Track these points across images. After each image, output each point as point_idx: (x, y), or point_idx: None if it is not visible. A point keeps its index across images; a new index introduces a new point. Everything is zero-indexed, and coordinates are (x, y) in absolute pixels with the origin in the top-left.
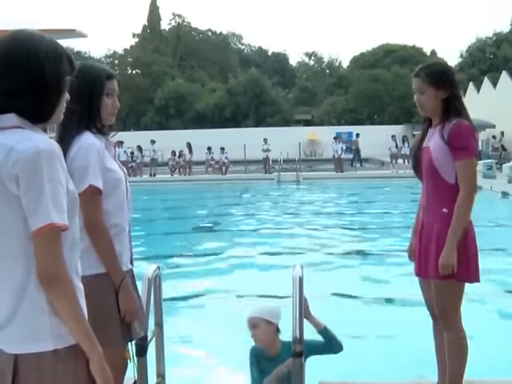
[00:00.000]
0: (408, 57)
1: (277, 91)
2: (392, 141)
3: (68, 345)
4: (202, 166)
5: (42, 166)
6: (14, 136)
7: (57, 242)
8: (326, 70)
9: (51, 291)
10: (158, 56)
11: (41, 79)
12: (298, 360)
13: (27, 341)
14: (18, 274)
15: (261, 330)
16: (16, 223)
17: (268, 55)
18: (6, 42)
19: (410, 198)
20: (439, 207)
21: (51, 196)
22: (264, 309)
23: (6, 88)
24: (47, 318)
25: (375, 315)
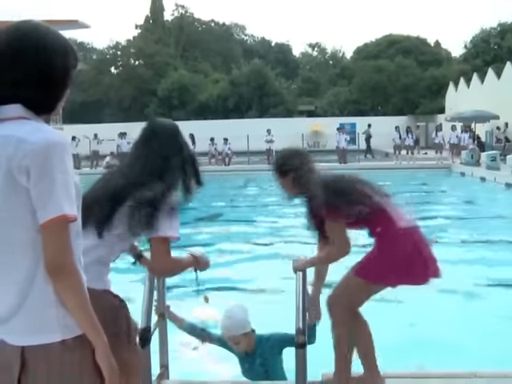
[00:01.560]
0: (412, 47)
1: (280, 82)
2: (396, 132)
3: (75, 335)
4: (205, 157)
5: (53, 158)
6: (21, 127)
7: (66, 233)
8: (330, 61)
9: (60, 282)
10: (160, 47)
11: (48, 71)
12: (301, 351)
13: (35, 332)
14: (26, 266)
15: (242, 343)
16: (25, 215)
17: (271, 46)
18: (12, 32)
19: (412, 188)
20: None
21: (63, 187)
22: (237, 324)
23: (13, 78)
24: (54, 309)
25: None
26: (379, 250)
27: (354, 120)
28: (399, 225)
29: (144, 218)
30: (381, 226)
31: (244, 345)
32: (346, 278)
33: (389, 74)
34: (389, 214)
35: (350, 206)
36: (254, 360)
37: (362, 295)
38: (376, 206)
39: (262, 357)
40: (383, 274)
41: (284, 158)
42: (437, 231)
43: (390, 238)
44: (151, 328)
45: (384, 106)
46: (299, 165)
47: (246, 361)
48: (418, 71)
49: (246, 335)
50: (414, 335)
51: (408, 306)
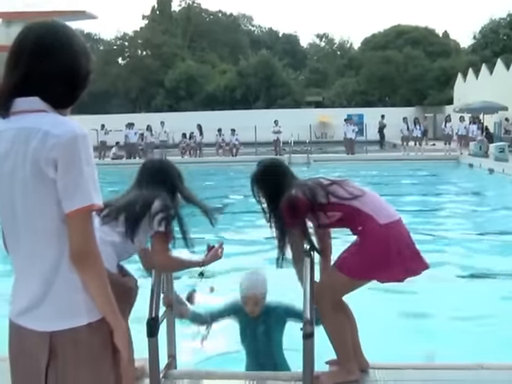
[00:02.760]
0: (420, 38)
1: (287, 73)
2: (403, 123)
3: (98, 318)
4: (213, 148)
5: (80, 150)
6: (43, 119)
7: (91, 223)
8: (337, 52)
9: (85, 269)
10: (168, 37)
11: (74, 69)
12: (309, 341)
13: (63, 317)
14: (51, 255)
15: (259, 305)
16: (50, 205)
17: (279, 37)
18: (41, 28)
19: (420, 180)
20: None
21: (90, 178)
22: (260, 284)
23: (41, 72)
24: (81, 294)
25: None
26: (361, 246)
27: (361, 111)
28: (380, 221)
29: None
30: (361, 225)
31: (258, 308)
32: (328, 273)
33: (397, 64)
34: (367, 212)
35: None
36: (258, 326)
37: (345, 289)
38: (351, 209)
39: (266, 324)
40: (365, 270)
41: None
42: (444, 222)
43: (372, 235)
44: (159, 318)
45: (392, 96)
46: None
47: (250, 327)
48: (427, 62)
49: (264, 298)
50: (420, 326)
51: (414, 296)
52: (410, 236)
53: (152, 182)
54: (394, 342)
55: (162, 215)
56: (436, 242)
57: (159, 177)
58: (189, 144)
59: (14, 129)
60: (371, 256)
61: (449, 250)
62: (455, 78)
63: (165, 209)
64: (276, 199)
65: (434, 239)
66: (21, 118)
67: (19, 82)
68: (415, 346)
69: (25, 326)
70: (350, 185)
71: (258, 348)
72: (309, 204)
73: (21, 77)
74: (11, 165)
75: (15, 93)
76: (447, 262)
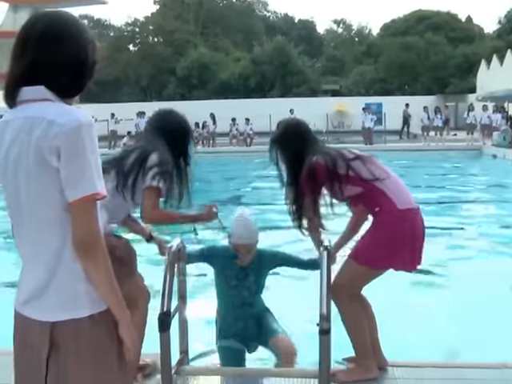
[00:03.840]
0: (442, 23)
1: (303, 60)
2: (424, 112)
3: (101, 309)
4: (226, 138)
5: (84, 139)
6: (48, 108)
7: (95, 211)
8: (355, 38)
9: (88, 259)
10: (180, 23)
11: (82, 59)
12: (325, 337)
13: (65, 308)
14: (54, 243)
15: (251, 252)
16: (54, 194)
17: (294, 22)
18: (49, 16)
19: (441, 171)
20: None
21: (94, 167)
22: (255, 231)
23: (50, 59)
24: (83, 284)
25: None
26: (376, 232)
27: (380, 100)
28: (398, 206)
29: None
30: (379, 206)
31: (250, 256)
32: (345, 265)
33: (417, 51)
34: (387, 194)
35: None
36: (248, 276)
37: (363, 280)
38: (371, 187)
39: (256, 272)
40: (381, 257)
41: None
42: (466, 215)
43: (388, 219)
44: (171, 312)
45: (412, 85)
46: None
47: (238, 276)
48: (449, 48)
49: (256, 244)
50: (445, 325)
51: (435, 291)
52: (424, 228)
53: (158, 134)
54: (413, 340)
55: (157, 170)
56: (457, 235)
57: (166, 129)
58: (201, 134)
59: (19, 118)
60: (386, 241)
61: (470, 244)
62: (478, 64)
63: (161, 163)
64: (297, 164)
65: (454, 232)
66: (26, 108)
67: (26, 71)
68: (435, 344)
69: (28, 316)
70: (375, 164)
71: (246, 299)
72: (327, 172)
73: (27, 65)
74: (16, 153)
75: (21, 82)
76: (469, 256)
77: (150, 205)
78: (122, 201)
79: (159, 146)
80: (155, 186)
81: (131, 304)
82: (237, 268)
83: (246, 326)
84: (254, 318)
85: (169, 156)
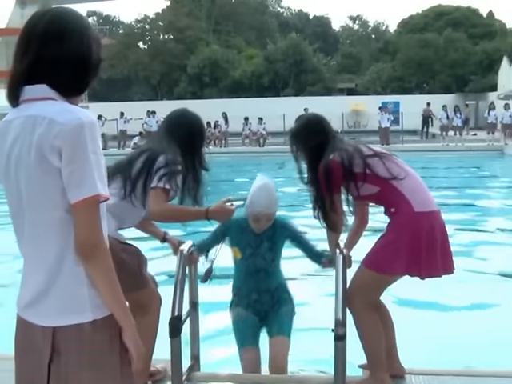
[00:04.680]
0: (462, 19)
1: (318, 58)
2: (443, 111)
3: (104, 315)
4: (239, 138)
5: (85, 138)
6: (50, 107)
7: (97, 213)
8: (372, 35)
9: (90, 262)
10: (191, 20)
11: (87, 56)
12: (340, 343)
13: (67, 313)
14: (55, 246)
15: (272, 220)
16: (55, 195)
17: (309, 19)
18: (52, 13)
19: (460, 172)
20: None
21: (96, 167)
22: (275, 199)
23: (53, 55)
24: (86, 289)
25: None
26: (390, 235)
27: (397, 98)
28: (415, 208)
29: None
30: (395, 207)
31: (269, 224)
32: (358, 272)
33: (436, 48)
34: (404, 195)
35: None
36: (262, 243)
37: (378, 287)
38: (388, 186)
39: (271, 239)
40: (393, 263)
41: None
42: (486, 219)
43: (403, 221)
44: (182, 317)
45: (430, 83)
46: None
47: (252, 244)
48: (469, 45)
49: (275, 213)
50: (460, 332)
51: (453, 301)
52: (446, 232)
53: (169, 134)
54: (433, 348)
55: (164, 171)
56: (477, 239)
57: (178, 130)
58: (213, 133)
59: (21, 117)
60: (400, 245)
61: (491, 249)
62: (500, 61)
63: (168, 165)
64: (317, 161)
65: (475, 236)
66: (29, 106)
67: (28, 69)
68: (455, 352)
69: (29, 320)
70: (395, 162)
71: (258, 266)
72: (343, 171)
73: (30, 63)
74: (18, 153)
75: (24, 80)
76: (488, 260)
77: (155, 203)
78: (132, 207)
79: (168, 147)
80: (161, 187)
81: (143, 310)
82: (251, 236)
83: (261, 300)
84: (269, 292)
85: (178, 157)
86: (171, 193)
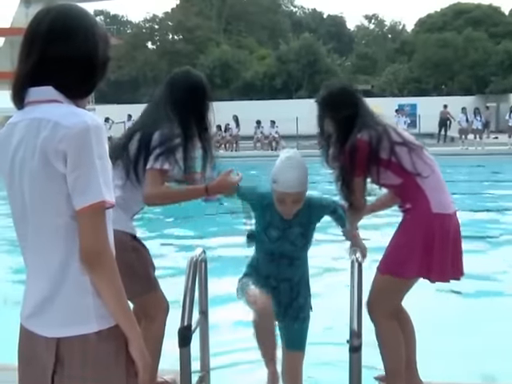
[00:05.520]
0: (483, 18)
1: (333, 58)
2: (462, 114)
3: (110, 325)
4: (250, 142)
5: (91, 142)
6: (55, 110)
7: (103, 220)
8: (388, 35)
9: (95, 271)
10: (201, 20)
11: (93, 55)
12: (355, 355)
13: (71, 323)
14: (60, 254)
15: (300, 202)
16: (59, 201)
17: (323, 18)
18: (56, 10)
19: (481, 177)
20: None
21: (102, 173)
22: (304, 176)
23: (58, 55)
24: (91, 298)
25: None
26: (405, 235)
27: (414, 100)
28: (433, 209)
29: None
30: (412, 203)
31: (297, 207)
32: (375, 279)
33: (455, 48)
34: (425, 193)
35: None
36: (291, 228)
37: (398, 292)
38: (410, 180)
39: (303, 225)
40: (409, 265)
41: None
42: (508, 226)
43: (419, 220)
44: (192, 326)
45: (449, 84)
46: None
47: (280, 227)
48: (490, 45)
49: (305, 192)
50: (481, 343)
51: (474, 308)
52: (460, 235)
53: (169, 101)
54: (452, 359)
55: (160, 150)
56: (498, 246)
57: (178, 95)
58: (224, 137)
59: (26, 119)
60: (414, 246)
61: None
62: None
63: (164, 142)
64: (344, 133)
65: (495, 243)
66: (34, 109)
67: (33, 70)
68: (473, 364)
69: (33, 330)
70: (422, 158)
71: (283, 251)
72: (369, 152)
73: (35, 64)
74: (22, 157)
75: (29, 82)
76: (509, 270)
77: (151, 186)
78: (137, 191)
79: (163, 119)
80: (157, 168)
81: (149, 316)
82: (278, 219)
83: (279, 288)
84: (289, 282)
85: (174, 129)
86: (170, 172)
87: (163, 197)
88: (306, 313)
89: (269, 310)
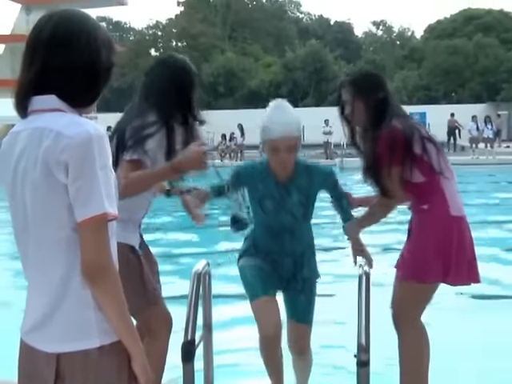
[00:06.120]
0: (494, 23)
1: (340, 65)
2: (472, 122)
3: (112, 341)
4: (255, 151)
5: (94, 153)
6: (57, 119)
7: (105, 233)
8: (397, 41)
9: (97, 285)
10: (206, 27)
11: (95, 62)
12: (363, 370)
13: (73, 338)
14: (61, 267)
15: (295, 151)
16: (60, 212)
17: (330, 25)
18: (58, 16)
19: (492, 188)
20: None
21: (104, 184)
22: (295, 121)
23: (59, 63)
24: (92, 313)
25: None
26: (421, 239)
27: (424, 108)
28: (452, 212)
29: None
30: (430, 204)
31: (292, 158)
32: (396, 288)
33: (466, 55)
34: (445, 194)
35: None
36: (289, 194)
37: (422, 298)
38: (434, 179)
39: (302, 190)
40: (429, 271)
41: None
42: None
43: (439, 223)
44: (195, 341)
45: (459, 92)
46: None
47: (275, 196)
48: (501, 51)
49: (299, 141)
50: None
51: (489, 325)
52: (473, 240)
53: (148, 95)
54: (467, 374)
55: (130, 143)
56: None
57: (156, 84)
58: (229, 146)
59: (29, 129)
60: (433, 250)
61: None
62: None
63: (135, 133)
64: (376, 119)
65: (508, 257)
66: (37, 118)
67: (36, 79)
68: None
69: (33, 345)
70: (444, 158)
71: (283, 223)
72: (405, 143)
73: (37, 73)
74: (24, 167)
75: (32, 90)
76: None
77: (120, 178)
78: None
79: (138, 113)
80: (126, 160)
81: (151, 332)
82: (274, 186)
83: (281, 262)
84: (293, 256)
85: (146, 119)
86: (144, 162)
87: (131, 184)
88: (312, 284)
89: (277, 332)
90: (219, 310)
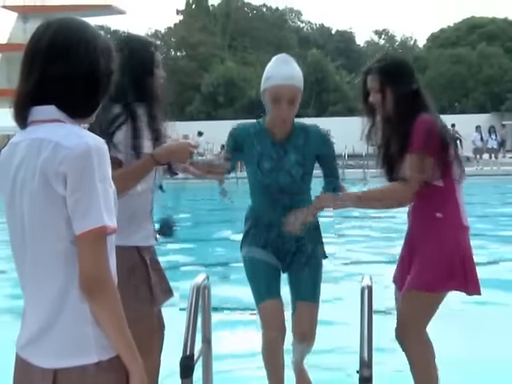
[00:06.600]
0: (498, 32)
1: (341, 75)
2: (476, 133)
3: (110, 356)
4: None
5: (93, 165)
6: (57, 130)
7: (103, 246)
8: (399, 50)
9: (95, 299)
10: (205, 36)
11: (94, 71)
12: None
13: (70, 354)
14: (59, 281)
15: (295, 106)
16: (58, 224)
17: (331, 34)
18: (57, 24)
19: (496, 199)
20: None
21: (103, 197)
22: (297, 71)
23: (58, 73)
24: (90, 327)
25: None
26: (435, 250)
27: None
28: (464, 222)
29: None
30: (443, 213)
31: (292, 111)
32: (406, 297)
33: (469, 64)
34: (458, 204)
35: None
36: (287, 154)
37: (430, 309)
38: (452, 187)
39: (299, 150)
40: (444, 280)
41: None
42: None
43: (453, 233)
44: (194, 356)
45: (463, 101)
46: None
47: (273, 155)
48: (505, 60)
49: (300, 92)
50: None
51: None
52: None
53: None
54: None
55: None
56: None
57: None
58: None
59: (28, 139)
60: (447, 259)
61: None
62: None
63: (100, 132)
64: (405, 110)
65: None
66: (36, 129)
67: (34, 89)
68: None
69: (29, 360)
70: (461, 165)
71: (282, 186)
72: (442, 139)
73: (36, 83)
74: (22, 178)
75: (31, 101)
76: None
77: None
78: (128, 198)
79: (99, 112)
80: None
81: (143, 348)
82: (270, 145)
83: (282, 236)
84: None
85: (108, 115)
86: (115, 158)
87: (117, 180)
88: (317, 259)
89: (280, 332)
90: (219, 323)
